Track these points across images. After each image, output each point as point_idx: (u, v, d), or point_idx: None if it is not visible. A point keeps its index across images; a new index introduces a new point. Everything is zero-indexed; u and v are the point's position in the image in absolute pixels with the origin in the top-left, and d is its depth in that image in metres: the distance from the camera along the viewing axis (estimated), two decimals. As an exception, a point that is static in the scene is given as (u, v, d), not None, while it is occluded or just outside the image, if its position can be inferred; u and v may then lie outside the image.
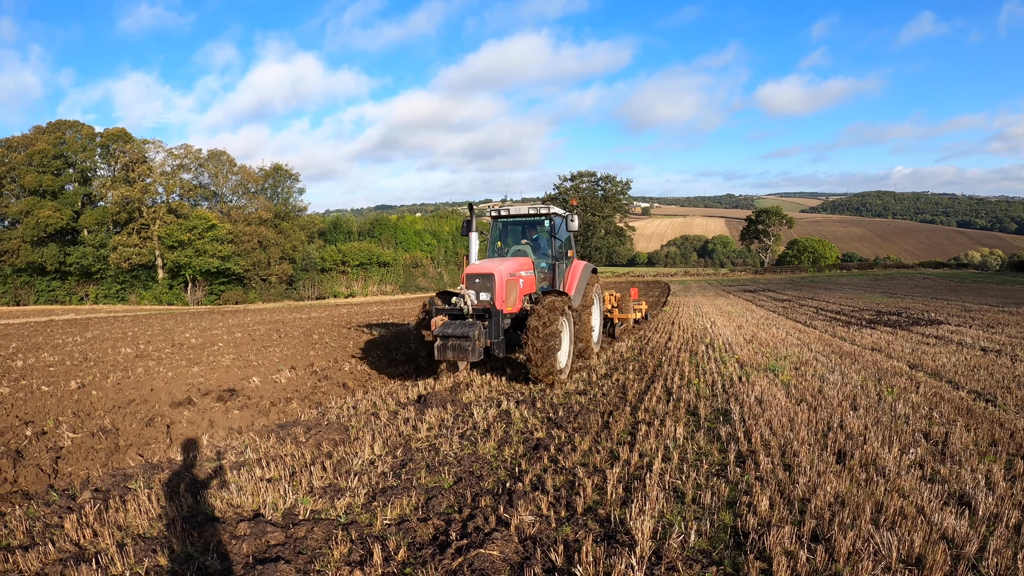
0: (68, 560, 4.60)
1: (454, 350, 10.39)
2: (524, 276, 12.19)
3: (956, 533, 4.58)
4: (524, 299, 12.00)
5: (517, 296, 11.69)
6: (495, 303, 10.95)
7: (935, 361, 11.87)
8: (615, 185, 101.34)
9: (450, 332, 10.43)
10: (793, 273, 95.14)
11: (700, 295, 41.36)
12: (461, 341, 10.36)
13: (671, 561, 4.33)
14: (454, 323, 10.81)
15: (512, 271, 11.72)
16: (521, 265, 12.38)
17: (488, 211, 13.85)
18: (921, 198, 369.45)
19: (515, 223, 14.42)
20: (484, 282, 11.16)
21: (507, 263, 11.90)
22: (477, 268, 11.41)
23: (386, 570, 4.38)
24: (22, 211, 63.06)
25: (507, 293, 11.28)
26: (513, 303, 11.52)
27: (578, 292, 13.25)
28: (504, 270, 11.35)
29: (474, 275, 11.25)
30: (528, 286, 12.35)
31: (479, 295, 11.15)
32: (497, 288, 11.03)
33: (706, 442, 7.19)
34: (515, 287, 11.64)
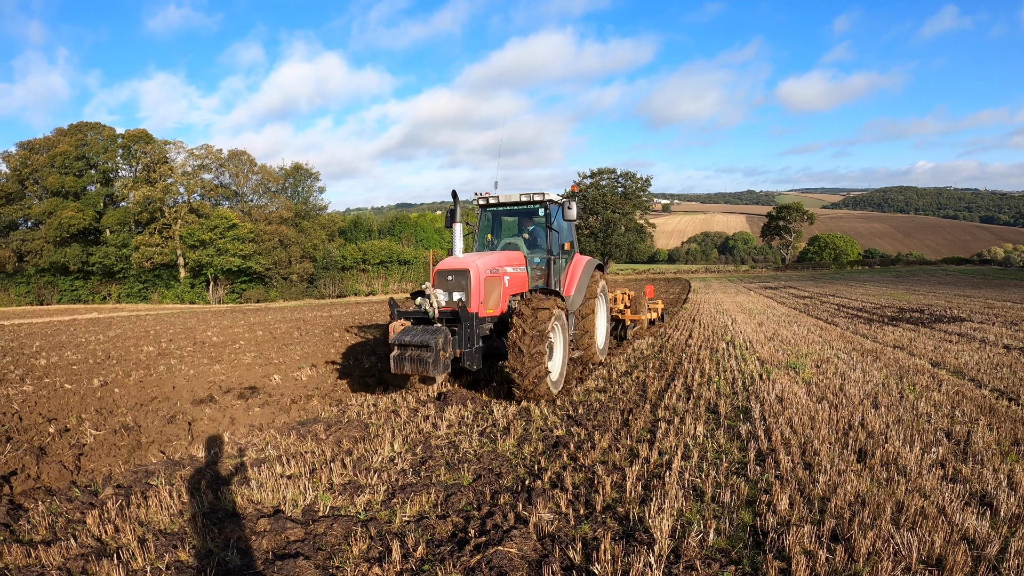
0: (90, 555, 4.66)
1: (412, 362, 8.80)
2: (511, 273, 10.68)
3: (977, 534, 4.53)
4: (511, 300, 10.56)
5: (501, 296, 10.26)
6: (470, 304, 9.42)
7: (957, 359, 11.74)
8: (635, 182, 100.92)
9: (407, 340, 8.86)
10: (814, 270, 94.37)
11: (721, 292, 41.13)
12: (420, 351, 8.80)
13: (690, 560, 4.33)
14: (414, 329, 9.23)
15: (494, 266, 10.16)
16: (508, 260, 10.82)
17: (475, 199, 12.29)
18: (943, 193, 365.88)
19: (506, 213, 12.93)
20: (457, 280, 9.61)
21: (487, 257, 10.29)
22: (449, 263, 9.85)
23: (405, 567, 4.40)
24: (45, 212, 63.84)
25: (486, 293, 9.78)
26: (495, 304, 10.13)
27: (578, 291, 11.99)
28: (483, 265, 9.80)
29: (446, 271, 9.73)
30: (517, 284, 10.90)
31: (452, 295, 9.57)
32: (473, 287, 9.49)
33: (726, 440, 7.16)
34: (497, 286, 10.17)
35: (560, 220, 11.85)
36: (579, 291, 12.01)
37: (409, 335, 8.97)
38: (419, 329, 9.17)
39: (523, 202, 11.81)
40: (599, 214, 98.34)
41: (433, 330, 9.04)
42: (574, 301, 11.81)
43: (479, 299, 9.59)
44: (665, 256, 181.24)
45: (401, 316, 9.89)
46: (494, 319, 10.15)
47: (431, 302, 9.41)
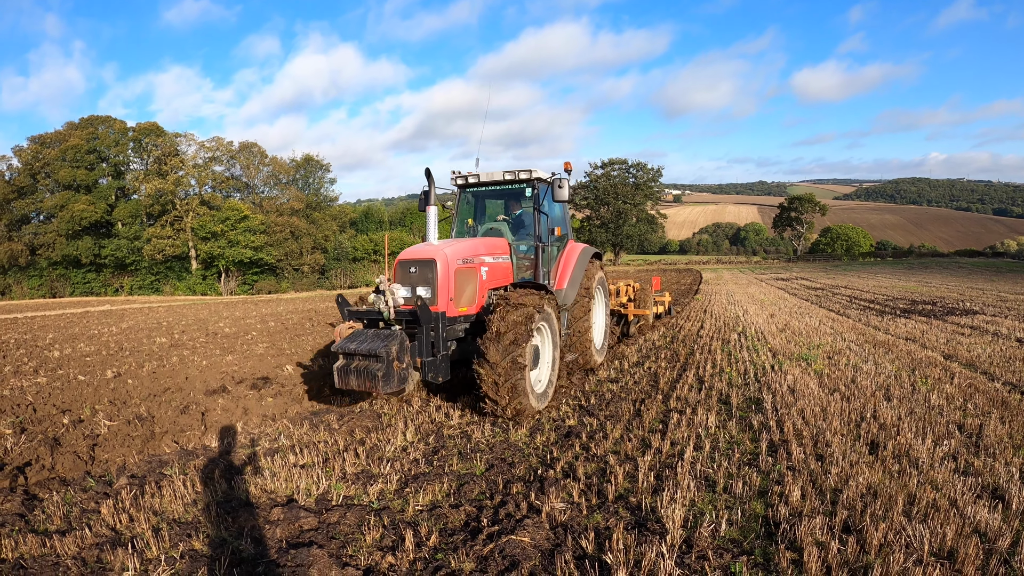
0: (104, 544, 4.69)
1: (358, 375, 7.29)
2: (491, 263, 9.15)
3: (989, 527, 4.51)
4: (491, 295, 9.00)
5: (476, 291, 8.73)
6: (437, 301, 8.03)
7: (970, 352, 11.67)
8: (646, 172, 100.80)
9: (353, 348, 7.43)
10: (826, 261, 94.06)
11: (732, 283, 41.03)
12: (368, 362, 7.32)
13: (702, 550, 4.33)
14: (364, 334, 7.76)
15: (467, 255, 8.65)
16: (488, 248, 9.30)
17: (452, 178, 10.82)
18: (956, 185, 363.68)
19: (489, 194, 11.28)
20: (422, 272, 8.14)
21: (459, 244, 8.75)
22: (412, 252, 8.43)
23: (418, 555, 4.43)
24: (57, 205, 64.32)
25: (457, 287, 8.32)
26: (470, 301, 8.64)
27: (572, 284, 10.53)
28: (452, 254, 8.29)
29: (408, 262, 8.29)
30: (498, 276, 9.36)
31: (416, 290, 8.11)
32: (440, 280, 8.03)
33: (738, 431, 7.14)
34: (472, 278, 8.68)
35: (549, 201, 10.33)
36: (572, 284, 10.60)
37: (356, 341, 7.58)
38: (370, 334, 7.71)
39: (506, 181, 10.29)
40: (610, 204, 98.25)
41: (386, 335, 7.56)
42: (567, 296, 10.42)
43: (448, 295, 8.15)
44: (676, 247, 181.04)
45: (352, 316, 8.44)
46: (469, 319, 8.66)
47: (386, 299, 7.87)
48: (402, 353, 7.44)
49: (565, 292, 10.40)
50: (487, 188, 10.86)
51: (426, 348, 7.73)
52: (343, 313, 8.52)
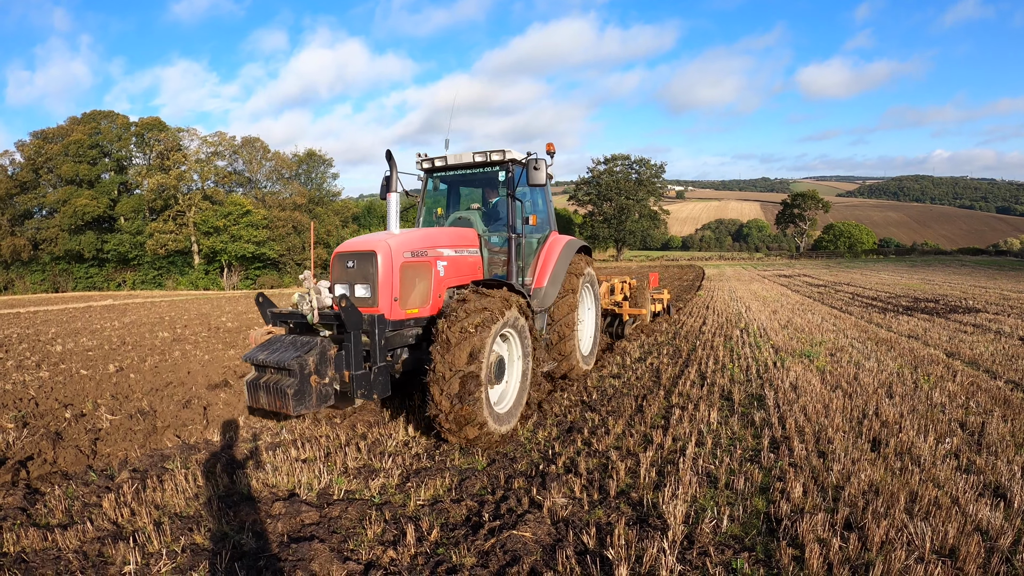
0: (106, 538, 4.69)
1: (268, 392, 6.05)
2: (451, 257, 7.89)
3: (991, 525, 4.50)
4: (449, 295, 7.81)
5: (430, 289, 7.47)
6: (377, 302, 6.80)
7: (972, 350, 11.65)
8: (649, 168, 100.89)
9: (263, 358, 6.26)
10: (829, 258, 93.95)
11: (735, 280, 40.97)
12: (280, 377, 6.10)
13: (703, 546, 4.34)
14: (280, 341, 6.58)
15: (418, 246, 7.35)
16: (449, 239, 8.08)
17: (418, 162, 9.70)
18: (960, 183, 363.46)
19: (461, 180, 10.16)
20: (360, 266, 6.91)
21: (408, 235, 7.48)
22: (351, 244, 7.27)
23: (419, 550, 4.43)
24: (59, 200, 64.37)
25: (403, 285, 7.03)
26: (422, 301, 7.38)
27: (553, 282, 9.45)
28: (398, 246, 7.00)
29: (346, 255, 7.08)
30: (462, 272, 8.09)
31: (354, 288, 6.96)
32: (381, 277, 6.78)
33: (740, 427, 7.14)
34: (424, 274, 7.39)
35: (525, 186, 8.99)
36: (554, 282, 9.51)
37: (268, 350, 6.39)
38: (287, 341, 6.50)
39: (477, 163, 9.14)
40: (613, 200, 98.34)
41: (304, 343, 6.32)
42: (546, 295, 9.37)
43: (391, 293, 6.88)
44: (679, 243, 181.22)
45: (276, 320, 7.15)
46: (421, 322, 7.39)
47: (309, 299, 6.60)
48: (323, 365, 6.17)
49: (545, 291, 9.40)
50: (458, 173, 9.69)
51: (355, 359, 6.32)
52: (264, 315, 7.27)
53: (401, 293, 7.02)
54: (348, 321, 6.19)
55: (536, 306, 9.02)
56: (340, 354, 6.37)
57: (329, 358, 6.26)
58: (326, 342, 6.30)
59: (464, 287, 7.79)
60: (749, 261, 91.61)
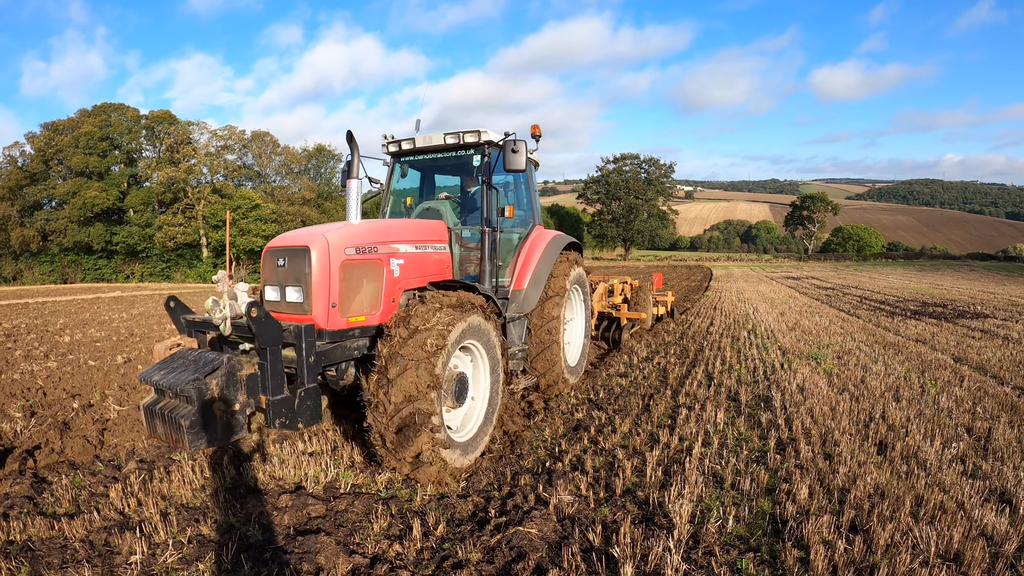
0: (112, 528, 4.73)
1: (163, 422, 4.89)
2: (409, 254, 6.69)
3: (996, 531, 4.50)
4: (406, 299, 6.61)
5: (381, 292, 6.29)
6: (311, 308, 5.70)
7: (980, 355, 11.61)
8: (658, 168, 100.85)
9: (157, 380, 5.08)
10: (837, 261, 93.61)
11: (743, 281, 40.86)
12: (177, 404, 4.92)
13: (708, 546, 4.34)
14: (185, 357, 5.33)
15: (364, 242, 6.16)
16: (409, 233, 6.93)
17: (384, 146, 8.70)
18: (970, 187, 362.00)
19: (432, 166, 8.98)
20: (292, 265, 5.83)
21: (352, 228, 6.27)
22: (283, 239, 6.13)
23: (425, 545, 4.45)
24: (69, 192, 64.52)
25: (344, 289, 5.87)
26: (370, 306, 6.20)
27: (535, 283, 8.36)
28: (338, 240, 5.88)
29: (277, 251, 6.01)
30: (424, 271, 6.91)
31: (285, 292, 5.88)
32: (316, 279, 5.67)
33: (746, 428, 7.14)
34: (372, 275, 6.23)
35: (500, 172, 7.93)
36: (535, 283, 8.41)
37: (166, 369, 5.21)
38: (191, 358, 5.26)
39: (449, 147, 8.07)
40: (621, 199, 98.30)
41: (207, 362, 5.05)
42: (526, 299, 8.28)
43: (327, 298, 5.73)
44: (687, 243, 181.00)
45: (191, 329, 6.11)
46: (369, 331, 6.18)
47: (221, 306, 5.48)
48: (231, 390, 4.99)
49: (524, 294, 8.30)
50: (429, 158, 8.58)
51: (272, 381, 5.09)
52: (177, 323, 6.24)
53: (341, 297, 5.86)
54: (261, 335, 4.99)
55: (514, 311, 8.19)
56: (255, 375, 5.11)
57: (239, 380, 5.05)
58: (235, 360, 5.06)
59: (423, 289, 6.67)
60: (757, 262, 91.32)
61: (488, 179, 7.66)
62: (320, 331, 5.69)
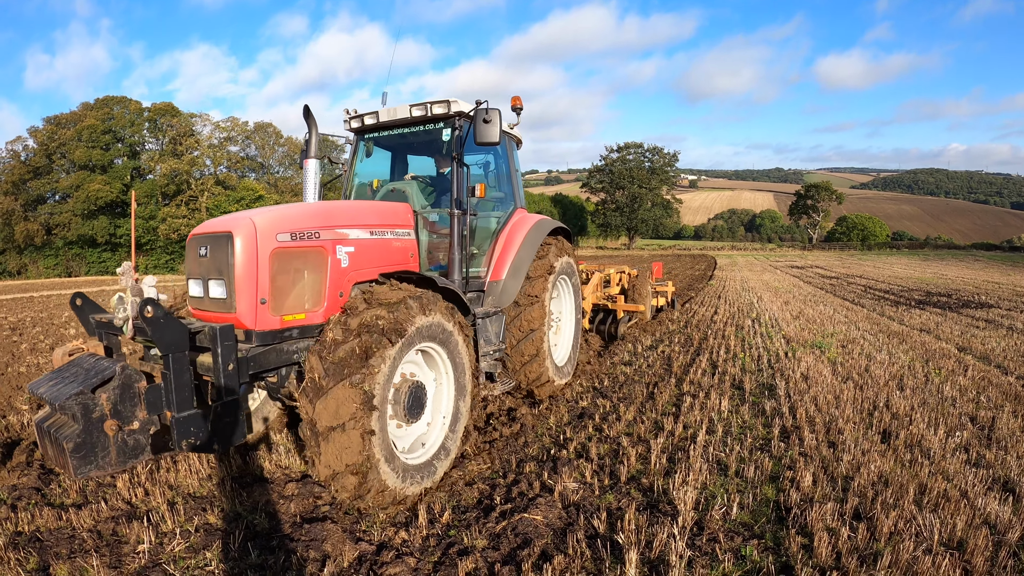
0: (120, 518, 4.75)
1: (51, 441, 4.21)
2: (361, 241, 5.81)
3: (999, 519, 4.51)
4: (356, 292, 5.66)
5: (324, 285, 5.41)
6: (235, 305, 4.82)
7: (984, 345, 11.59)
8: (662, 157, 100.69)
9: (42, 393, 4.50)
10: (841, 250, 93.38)
11: (747, 270, 40.79)
12: (63, 422, 4.23)
13: (713, 532, 4.36)
14: (78, 366, 4.69)
15: (302, 226, 5.28)
16: (362, 215, 6.07)
17: (346, 121, 7.97)
18: (975, 177, 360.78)
19: (403, 143, 8.07)
20: (214, 255, 4.97)
21: (291, 211, 5.46)
22: (206, 226, 5.22)
23: (431, 532, 4.48)
24: (72, 185, 64.55)
25: (276, 281, 5.02)
26: (311, 302, 5.34)
27: (514, 274, 7.58)
28: (268, 225, 5.02)
29: (200, 239, 5.17)
30: (379, 260, 6.00)
31: (208, 287, 5.03)
32: (240, 270, 4.81)
33: (751, 416, 7.15)
34: (313, 265, 5.37)
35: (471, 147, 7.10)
36: (515, 274, 7.60)
37: (55, 380, 4.59)
38: (85, 366, 4.60)
39: (416, 120, 7.20)
40: (625, 188, 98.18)
41: (100, 371, 4.35)
42: (504, 291, 7.50)
43: (254, 293, 4.86)
44: (691, 232, 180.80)
45: (101, 331, 5.47)
46: (311, 331, 5.33)
47: (125, 305, 4.83)
48: (126, 404, 4.19)
49: (503, 285, 7.51)
50: (397, 134, 7.68)
51: (177, 394, 4.20)
52: (86, 324, 5.61)
53: (272, 291, 5.00)
54: (160, 339, 4.10)
55: (490, 305, 7.42)
56: (158, 387, 4.27)
57: (137, 392, 4.23)
58: (130, 370, 4.23)
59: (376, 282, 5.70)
60: (761, 252, 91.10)
61: (458, 155, 6.77)
62: (248, 332, 4.90)
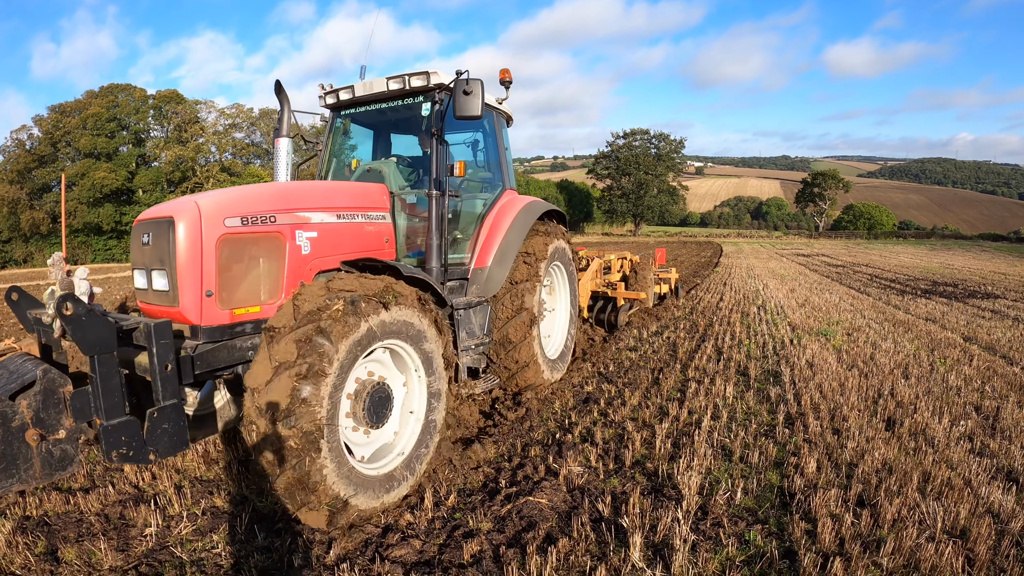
0: (127, 501, 4.81)
1: None
2: (326, 225, 5.37)
3: (1002, 508, 4.52)
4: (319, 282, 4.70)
5: (281, 275, 4.94)
6: (178, 301, 4.38)
7: (990, 335, 11.55)
8: (669, 144, 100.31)
9: None
10: (848, 239, 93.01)
11: (753, 257, 40.67)
12: None
13: (717, 517, 4.38)
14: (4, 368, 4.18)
15: (257, 209, 4.81)
16: (329, 197, 5.63)
17: (321, 97, 7.40)
18: (982, 167, 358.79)
19: (383, 120, 7.51)
20: (157, 244, 4.49)
21: (244, 192, 4.99)
22: (153, 210, 4.73)
23: (436, 514, 4.51)
24: (78, 173, 64.57)
25: (223, 271, 4.54)
26: (269, 295, 4.87)
27: (500, 260, 7.01)
28: (215, 209, 4.53)
29: (142, 224, 4.69)
30: (348, 245, 5.59)
31: (151, 279, 4.56)
32: (182, 259, 4.35)
33: (755, 402, 7.16)
34: (271, 253, 4.90)
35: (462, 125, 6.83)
36: (501, 260, 7.03)
37: None
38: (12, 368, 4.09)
39: (394, 93, 6.64)
40: (631, 175, 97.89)
41: (20, 375, 3.78)
42: (489, 279, 6.95)
43: (198, 284, 4.39)
44: (697, 219, 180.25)
45: (39, 327, 4.86)
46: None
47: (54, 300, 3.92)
48: (50, 411, 3.62)
49: (488, 273, 6.96)
50: (376, 110, 7.05)
51: (105, 400, 3.62)
52: (25, 321, 5.09)
53: (220, 283, 4.51)
54: (81, 339, 3.53)
55: (475, 294, 6.95)
56: (85, 391, 3.70)
57: (62, 398, 3.67)
58: (53, 373, 3.65)
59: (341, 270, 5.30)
60: (768, 239, 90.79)
61: (438, 130, 6.26)
62: (194, 328, 4.47)
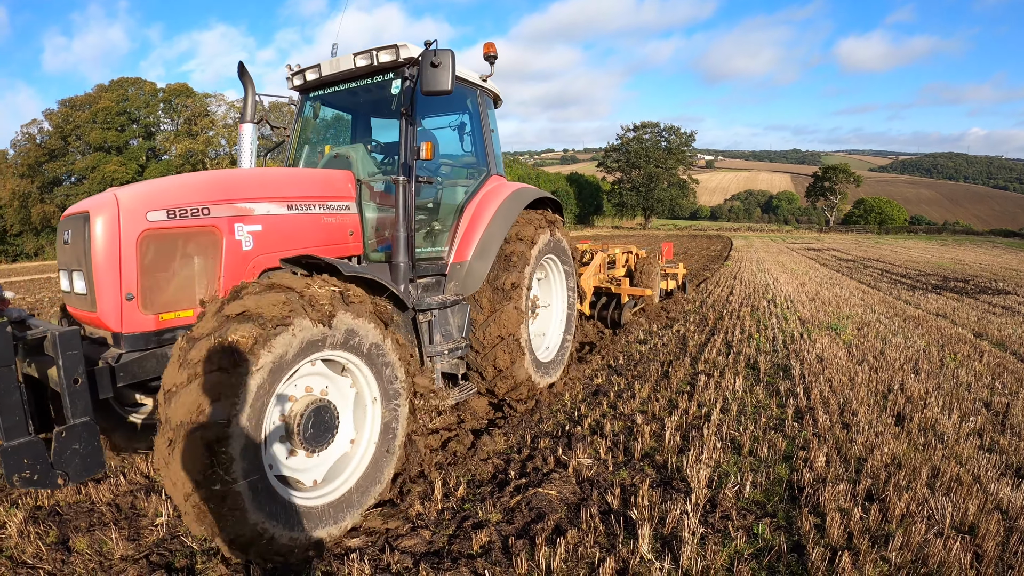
0: (138, 491, 4.85)
1: None
2: (272, 217, 4.78)
3: (1011, 505, 4.50)
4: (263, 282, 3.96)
5: (215, 275, 4.39)
6: (95, 303, 3.96)
7: (1000, 331, 11.48)
8: (679, 137, 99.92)
9: None
10: (859, 233, 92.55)
11: (763, 251, 40.49)
12: None
13: (726, 510, 4.39)
14: None
15: (186, 200, 4.25)
16: (277, 185, 5.06)
17: (289, 79, 6.90)
18: (995, 163, 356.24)
19: (357, 101, 7.12)
20: (75, 242, 4.06)
21: (171, 183, 4.44)
22: (73, 207, 4.25)
23: (446, 505, 4.53)
24: (88, 167, 64.84)
25: (146, 271, 4.02)
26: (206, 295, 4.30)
27: (482, 255, 6.35)
28: (136, 201, 4.02)
29: (65, 221, 4.32)
30: (300, 240, 5.00)
31: (72, 281, 4.20)
32: (99, 259, 3.88)
33: (765, 396, 7.15)
34: (203, 250, 4.34)
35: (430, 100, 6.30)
36: (482, 254, 6.37)
37: None
38: None
39: (363, 71, 6.01)
40: (641, 168, 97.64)
41: None
42: (469, 275, 6.30)
43: (117, 286, 3.94)
44: (707, 213, 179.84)
45: None
46: None
47: None
48: None
49: (468, 267, 6.31)
50: (346, 90, 6.48)
51: (2, 419, 3.29)
52: None
53: (143, 284, 4.03)
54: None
55: (453, 291, 6.31)
56: None
57: None
58: None
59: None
60: (778, 233, 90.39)
61: (407, 110, 5.65)
62: (116, 335, 4.03)
